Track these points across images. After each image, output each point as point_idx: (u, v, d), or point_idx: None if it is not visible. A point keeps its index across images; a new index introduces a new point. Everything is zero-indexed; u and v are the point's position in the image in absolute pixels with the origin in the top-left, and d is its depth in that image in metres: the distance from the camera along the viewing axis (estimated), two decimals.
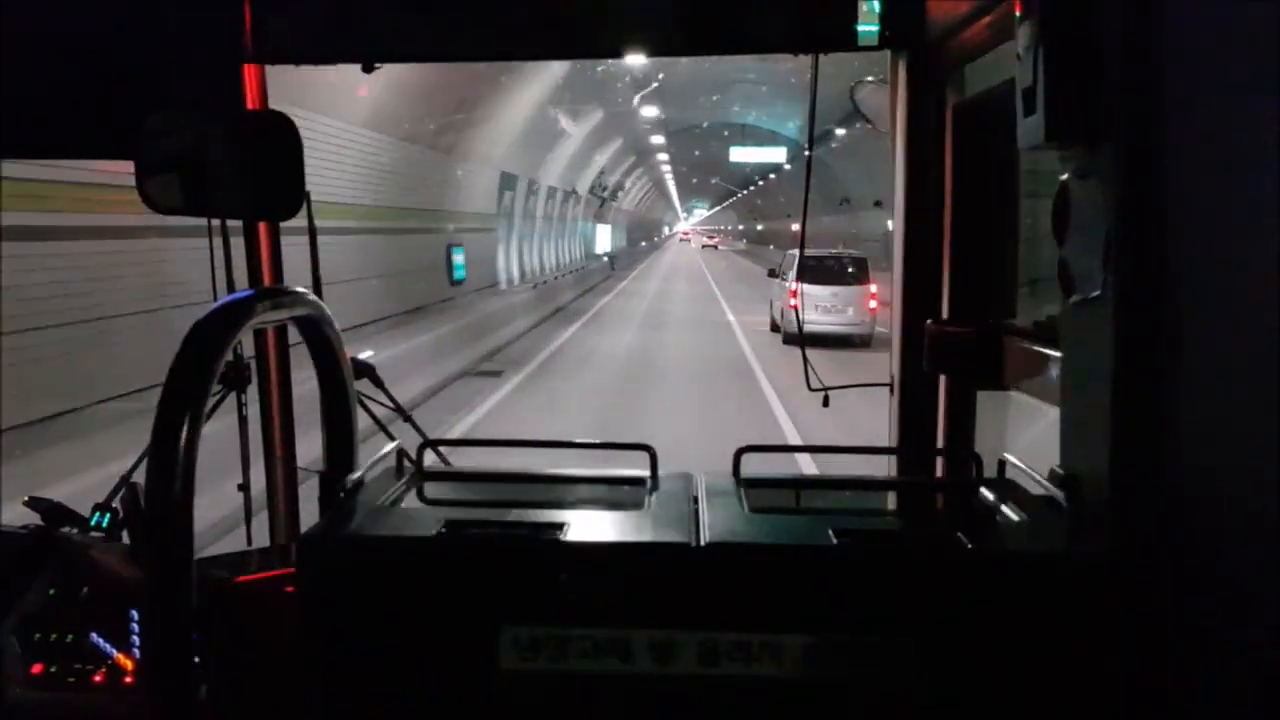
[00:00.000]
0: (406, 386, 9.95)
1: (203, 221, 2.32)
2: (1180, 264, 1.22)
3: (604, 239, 49.10)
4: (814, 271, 18.85)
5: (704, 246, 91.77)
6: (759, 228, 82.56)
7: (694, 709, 1.35)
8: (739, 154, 39.97)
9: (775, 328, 20.11)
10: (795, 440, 10.44)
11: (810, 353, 2.63)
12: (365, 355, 2.95)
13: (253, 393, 2.51)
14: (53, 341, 7.52)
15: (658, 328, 22.28)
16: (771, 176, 54.77)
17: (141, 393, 7.06)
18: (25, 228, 7.09)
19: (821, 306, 18.42)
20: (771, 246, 74.41)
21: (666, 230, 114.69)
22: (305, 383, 1.78)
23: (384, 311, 14.15)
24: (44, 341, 7.40)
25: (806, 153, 3.10)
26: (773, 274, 21.62)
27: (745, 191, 77.14)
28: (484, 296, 20.69)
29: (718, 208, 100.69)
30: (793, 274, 18.62)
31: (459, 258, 18.64)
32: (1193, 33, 1.20)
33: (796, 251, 18.90)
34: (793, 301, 18.31)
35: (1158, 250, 1.24)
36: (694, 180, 79.09)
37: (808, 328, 14.78)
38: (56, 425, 7.19)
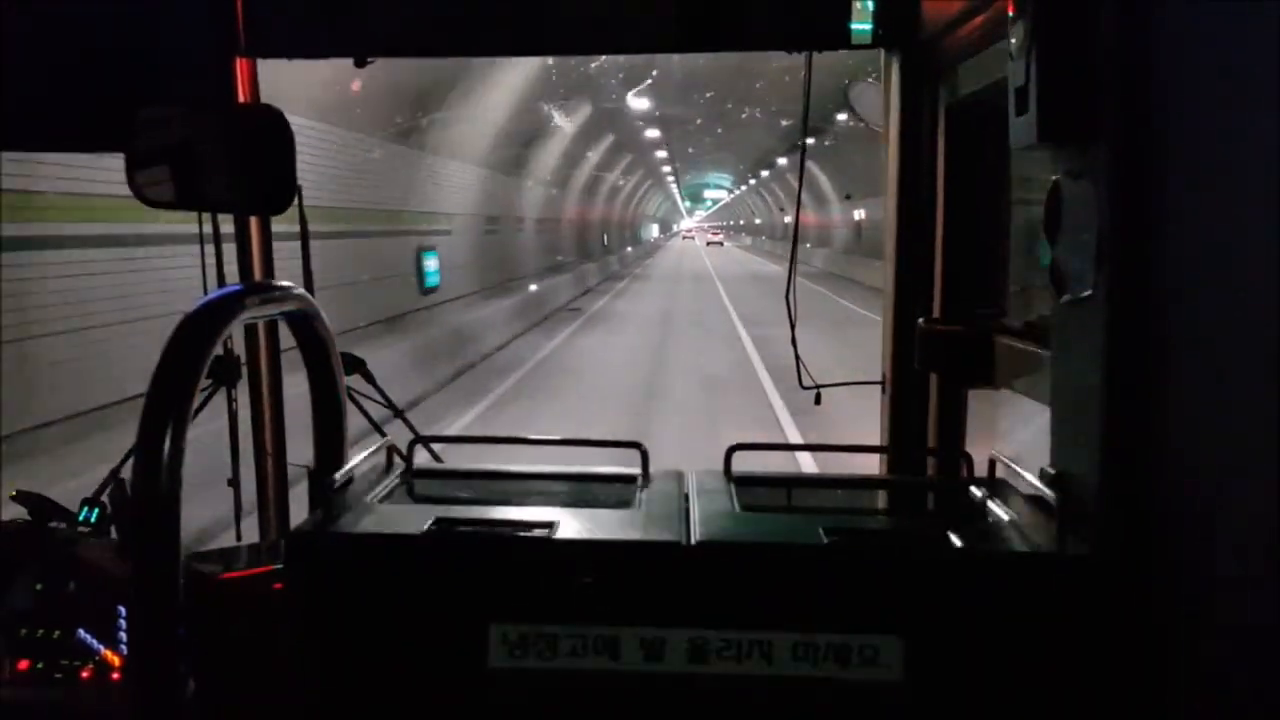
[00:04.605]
0: None
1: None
2: (1171, 264, 1.22)
3: None
4: None
5: (709, 244, 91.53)
6: (757, 221, 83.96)
7: (683, 707, 1.35)
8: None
9: None
10: None
11: None
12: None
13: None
14: None
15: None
16: (764, 174, 55.18)
17: None
18: None
19: None
20: (764, 236, 75.04)
21: (655, 231, 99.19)
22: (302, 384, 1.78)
23: None
24: None
25: (801, 148, 3.08)
26: None
27: (741, 190, 77.69)
28: None
29: (720, 203, 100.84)
30: None
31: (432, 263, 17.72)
32: (1184, 33, 1.20)
33: None
34: None
35: (1148, 250, 1.24)
36: (688, 176, 79.52)
37: None
38: None
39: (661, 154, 45.54)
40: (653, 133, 35.11)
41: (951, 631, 1.33)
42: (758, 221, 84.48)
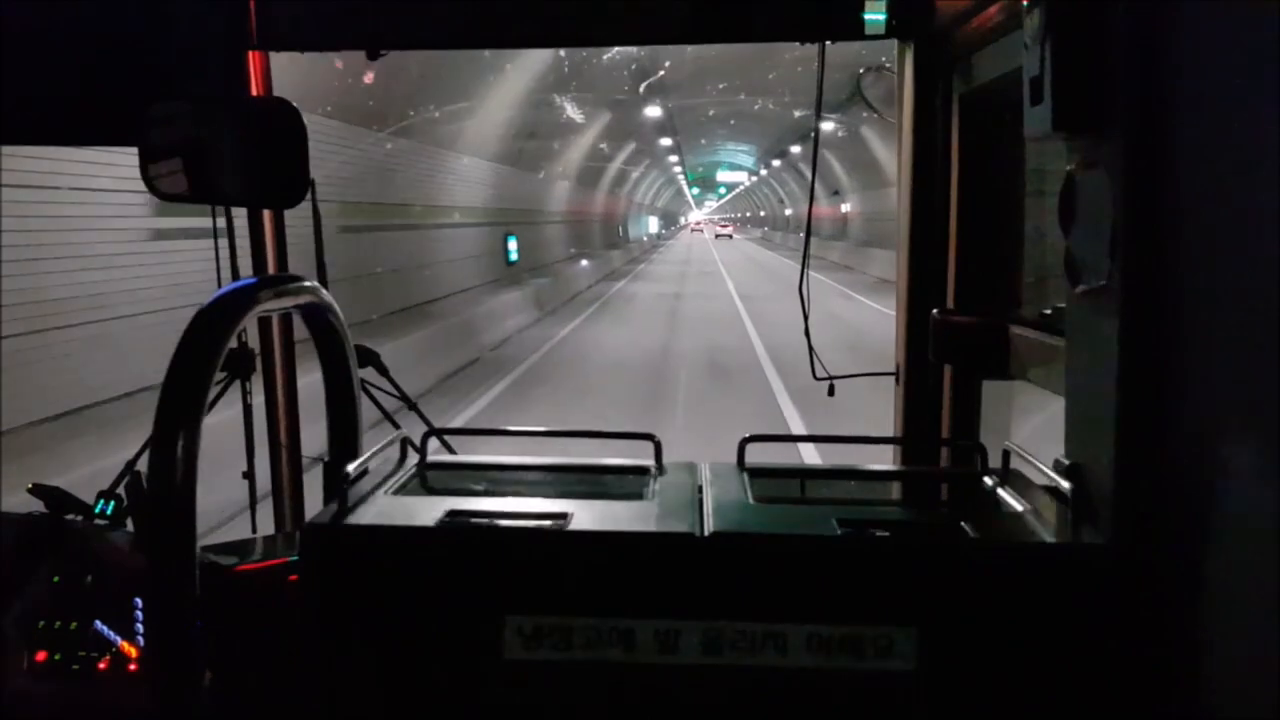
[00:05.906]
0: None
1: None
2: (1186, 255, 1.21)
3: None
4: None
5: (718, 236, 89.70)
6: (787, 213, 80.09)
7: (697, 698, 1.35)
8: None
9: None
10: None
11: None
12: None
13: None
14: None
15: None
16: (762, 172, 54.26)
17: None
18: None
19: None
20: (801, 233, 71.90)
21: (652, 226, 79.48)
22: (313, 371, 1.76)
23: None
24: None
25: (814, 142, 3.07)
26: None
27: (752, 180, 76.80)
28: None
29: (736, 188, 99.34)
30: None
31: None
32: (1200, 23, 1.19)
33: None
34: None
35: (1163, 241, 1.23)
36: (700, 168, 78.57)
37: None
38: None
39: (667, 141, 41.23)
40: (664, 138, 33.86)
41: (966, 622, 1.33)
42: (787, 214, 79.27)
